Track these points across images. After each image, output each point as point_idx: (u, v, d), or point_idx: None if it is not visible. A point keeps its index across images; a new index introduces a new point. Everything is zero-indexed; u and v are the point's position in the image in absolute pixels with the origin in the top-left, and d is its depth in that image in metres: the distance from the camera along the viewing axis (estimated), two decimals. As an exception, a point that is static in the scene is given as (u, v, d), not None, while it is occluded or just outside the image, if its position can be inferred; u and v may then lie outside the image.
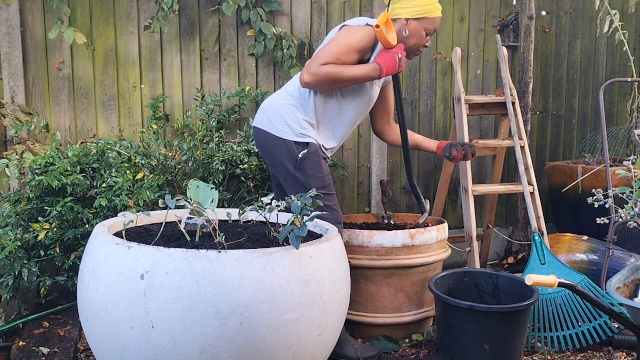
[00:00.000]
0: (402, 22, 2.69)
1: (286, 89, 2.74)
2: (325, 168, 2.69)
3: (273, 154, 2.68)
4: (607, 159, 3.67)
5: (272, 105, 2.72)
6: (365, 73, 2.59)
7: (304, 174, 2.61)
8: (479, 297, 2.92)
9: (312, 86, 2.58)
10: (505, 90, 3.48)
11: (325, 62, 2.52)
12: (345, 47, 2.56)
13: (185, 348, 1.87)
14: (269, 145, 2.69)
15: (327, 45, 2.59)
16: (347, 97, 2.70)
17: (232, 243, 2.08)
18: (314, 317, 2.01)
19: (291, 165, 2.62)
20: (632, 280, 2.47)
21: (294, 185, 2.61)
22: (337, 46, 2.57)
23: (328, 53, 2.54)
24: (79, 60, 3.33)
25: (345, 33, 2.61)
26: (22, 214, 2.92)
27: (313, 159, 2.63)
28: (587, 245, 3.53)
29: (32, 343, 2.70)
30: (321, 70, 2.52)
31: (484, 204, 4.12)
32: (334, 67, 2.53)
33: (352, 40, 2.58)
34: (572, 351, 2.88)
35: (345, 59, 2.56)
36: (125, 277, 1.90)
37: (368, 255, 2.93)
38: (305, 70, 2.54)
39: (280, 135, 2.64)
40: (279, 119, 2.66)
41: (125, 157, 3.05)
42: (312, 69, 2.53)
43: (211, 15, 3.52)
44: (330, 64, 2.53)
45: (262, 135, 2.70)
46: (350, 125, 2.78)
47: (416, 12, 2.67)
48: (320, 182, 2.62)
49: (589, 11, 4.44)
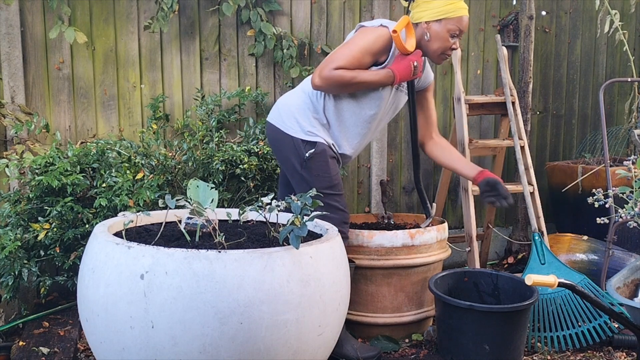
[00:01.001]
0: (423, 26, 2.58)
1: (302, 87, 2.73)
2: (333, 168, 2.65)
3: (281, 150, 2.68)
4: (607, 159, 3.67)
5: (286, 102, 2.71)
6: (378, 79, 2.54)
7: (310, 173, 2.61)
8: (479, 297, 2.92)
9: (323, 89, 2.56)
10: (505, 90, 3.48)
11: (338, 66, 2.48)
12: (359, 50, 2.51)
13: (185, 348, 1.87)
14: (278, 142, 2.69)
15: (342, 48, 2.55)
16: (360, 99, 2.64)
17: (232, 243, 2.08)
18: (314, 317, 2.01)
19: (298, 163, 2.62)
20: (632, 280, 2.47)
21: (301, 183, 2.62)
22: (350, 49, 2.52)
23: (341, 56, 2.50)
24: (79, 60, 3.33)
25: (361, 35, 2.56)
26: (22, 214, 2.92)
27: (320, 159, 2.62)
28: (587, 245, 3.53)
29: (32, 343, 2.70)
30: (333, 74, 2.48)
31: (484, 204, 4.11)
32: (346, 72, 2.48)
33: (366, 42, 2.52)
34: (572, 351, 2.88)
35: (359, 62, 2.51)
36: (125, 277, 1.90)
37: (368, 255, 2.93)
38: (317, 73, 2.51)
39: (288, 132, 2.64)
40: (289, 116, 2.65)
41: (125, 157, 3.05)
42: (324, 72, 2.49)
43: (211, 15, 3.52)
44: (342, 68, 2.48)
45: (273, 131, 2.70)
46: (365, 128, 2.70)
47: (436, 14, 2.53)
48: (327, 182, 2.61)
49: (589, 11, 4.44)
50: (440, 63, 2.70)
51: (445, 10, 2.53)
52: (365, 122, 2.69)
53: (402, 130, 4.00)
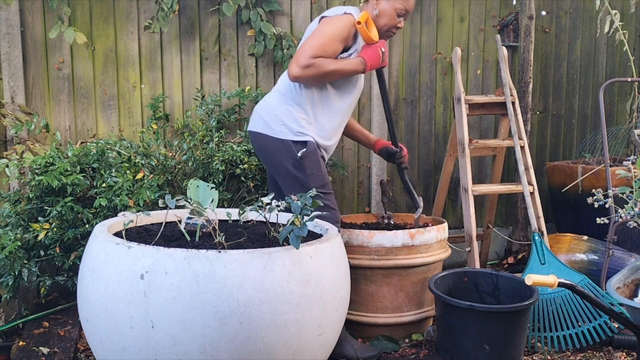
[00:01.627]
0: (373, 2, 2.72)
1: (277, 89, 2.74)
2: (323, 167, 2.69)
3: (272, 155, 2.68)
4: (607, 159, 3.67)
5: (266, 108, 2.71)
6: (352, 67, 2.62)
7: (304, 172, 2.61)
8: (479, 297, 2.92)
9: (301, 80, 2.58)
10: (505, 90, 3.48)
11: (312, 54, 2.52)
12: (329, 38, 2.57)
13: (185, 348, 1.87)
14: (267, 148, 2.69)
15: (311, 38, 2.58)
16: (338, 88, 2.70)
17: (232, 243, 2.08)
18: (314, 317, 2.01)
19: (291, 165, 2.62)
20: (632, 280, 2.47)
21: (294, 185, 2.61)
22: (320, 38, 2.56)
23: (313, 45, 2.54)
24: (79, 60, 3.33)
25: (327, 24, 2.61)
26: (22, 214, 2.92)
27: (312, 157, 2.63)
28: (587, 245, 3.53)
29: (32, 343, 2.70)
30: (309, 63, 2.51)
31: (484, 204, 4.11)
32: (322, 60, 2.53)
33: (335, 30, 2.58)
34: (572, 351, 2.88)
35: (331, 49, 2.57)
36: (125, 277, 1.90)
37: (368, 255, 2.93)
38: (294, 64, 2.53)
39: (278, 136, 2.64)
40: (275, 120, 2.65)
41: (125, 157, 3.05)
42: (300, 62, 2.51)
43: (211, 16, 3.52)
44: (317, 57, 2.52)
45: (260, 139, 2.70)
46: (342, 117, 2.77)
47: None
48: (319, 181, 2.62)
49: (589, 11, 4.44)
50: (385, 40, 2.79)
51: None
52: (346, 109, 2.77)
53: (402, 130, 4.00)
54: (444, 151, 3.94)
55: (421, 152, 4.10)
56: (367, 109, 3.87)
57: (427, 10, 3.97)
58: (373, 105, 3.86)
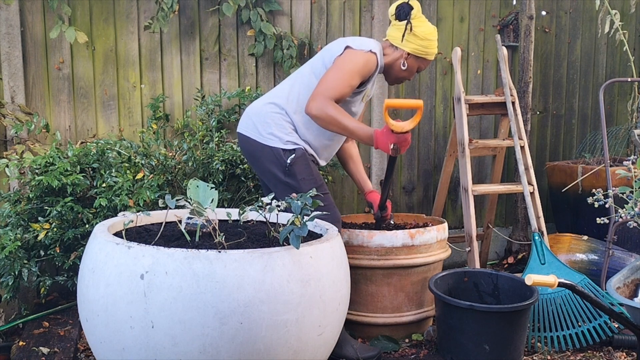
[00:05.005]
0: (403, 53, 2.74)
1: (274, 98, 2.72)
2: (314, 169, 2.68)
3: (261, 162, 2.66)
4: (607, 159, 3.67)
5: (257, 112, 2.70)
6: (361, 135, 2.58)
7: (295, 179, 2.60)
8: (479, 297, 2.93)
9: (313, 119, 2.58)
10: (505, 90, 3.48)
11: (333, 96, 2.54)
12: (349, 74, 2.59)
13: (185, 348, 1.87)
14: (256, 153, 2.67)
15: (333, 71, 2.59)
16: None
17: (232, 243, 2.08)
18: (314, 317, 2.01)
19: (281, 172, 2.61)
20: (632, 280, 2.48)
21: (286, 191, 2.54)
22: (342, 73, 2.58)
23: (335, 85, 2.56)
24: (79, 60, 3.33)
25: (349, 57, 2.61)
26: (22, 214, 2.92)
27: (301, 162, 2.62)
28: (587, 245, 3.53)
29: (32, 343, 2.70)
30: (328, 110, 2.52)
31: (484, 204, 4.11)
32: (339, 113, 2.53)
33: (356, 66, 2.61)
34: (572, 351, 2.88)
35: (350, 86, 2.60)
36: (125, 277, 1.90)
37: (368, 255, 2.93)
38: (313, 99, 2.54)
39: (267, 142, 2.63)
40: (265, 127, 2.64)
41: (125, 157, 3.05)
42: (320, 103, 2.53)
43: (211, 16, 3.52)
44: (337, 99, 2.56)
45: (249, 143, 2.68)
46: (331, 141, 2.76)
47: (419, 51, 2.73)
48: (312, 183, 2.61)
49: (589, 11, 4.44)
50: (392, 84, 2.91)
51: (427, 52, 2.75)
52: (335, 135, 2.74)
53: (402, 130, 4.00)
54: (444, 151, 3.94)
55: (421, 152, 4.10)
56: (367, 109, 3.87)
57: (427, 10, 3.97)
58: (373, 105, 3.86)
